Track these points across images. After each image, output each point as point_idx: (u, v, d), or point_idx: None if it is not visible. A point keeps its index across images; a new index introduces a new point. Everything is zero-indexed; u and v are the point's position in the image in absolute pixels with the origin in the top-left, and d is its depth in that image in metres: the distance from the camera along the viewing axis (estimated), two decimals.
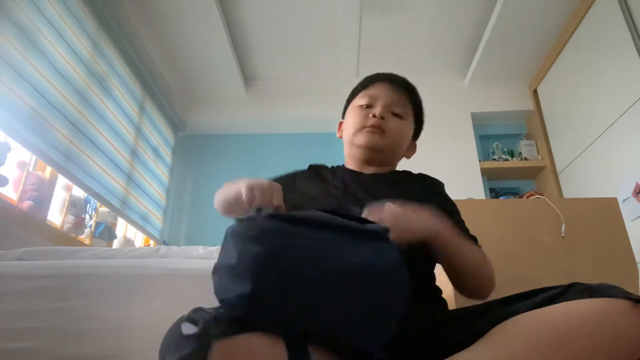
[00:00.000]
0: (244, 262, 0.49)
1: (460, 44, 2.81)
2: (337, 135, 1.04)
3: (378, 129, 0.90)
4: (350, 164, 0.97)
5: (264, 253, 0.49)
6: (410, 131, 0.98)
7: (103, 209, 2.18)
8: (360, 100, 0.95)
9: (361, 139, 0.91)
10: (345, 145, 0.98)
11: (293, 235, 0.51)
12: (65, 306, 0.90)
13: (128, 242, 2.44)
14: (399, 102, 0.93)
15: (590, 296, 0.51)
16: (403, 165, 1.01)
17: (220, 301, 0.52)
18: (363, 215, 0.65)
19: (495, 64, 2.81)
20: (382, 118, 0.90)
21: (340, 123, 1.05)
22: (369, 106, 0.93)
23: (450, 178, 1.09)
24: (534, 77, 2.90)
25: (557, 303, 0.52)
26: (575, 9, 2.34)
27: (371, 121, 0.90)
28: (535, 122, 2.91)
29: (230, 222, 0.70)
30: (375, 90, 0.94)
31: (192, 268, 0.97)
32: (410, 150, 1.01)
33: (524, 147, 2.87)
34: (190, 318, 0.47)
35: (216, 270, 0.55)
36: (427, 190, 0.90)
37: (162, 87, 2.78)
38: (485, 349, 0.50)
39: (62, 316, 0.89)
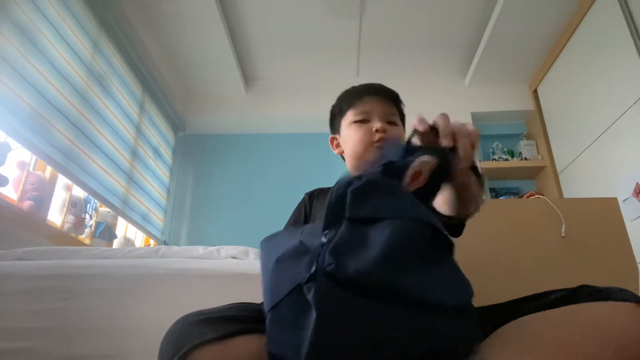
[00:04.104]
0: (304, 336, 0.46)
1: (460, 44, 2.81)
2: (336, 152, 1.08)
3: (384, 142, 0.95)
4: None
5: (319, 322, 0.45)
6: (404, 135, 1.02)
7: (103, 209, 2.18)
8: (355, 116, 1.00)
9: (372, 155, 0.94)
10: (351, 160, 1.01)
11: (351, 307, 0.46)
12: (66, 306, 0.90)
13: (128, 242, 2.44)
14: (391, 111, 1.01)
15: (599, 299, 0.50)
16: None
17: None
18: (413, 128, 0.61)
19: (495, 64, 2.81)
20: (384, 131, 0.95)
21: (332, 139, 1.09)
22: (365, 120, 0.98)
23: None
24: (534, 77, 2.90)
25: (564, 306, 0.51)
26: (575, 9, 2.34)
27: (377, 136, 0.95)
28: (535, 122, 2.91)
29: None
30: (367, 105, 1.00)
31: (192, 268, 0.97)
32: None
33: (524, 147, 2.87)
34: None
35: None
36: None
37: (162, 87, 2.78)
38: (490, 351, 0.50)
39: (63, 316, 0.89)
